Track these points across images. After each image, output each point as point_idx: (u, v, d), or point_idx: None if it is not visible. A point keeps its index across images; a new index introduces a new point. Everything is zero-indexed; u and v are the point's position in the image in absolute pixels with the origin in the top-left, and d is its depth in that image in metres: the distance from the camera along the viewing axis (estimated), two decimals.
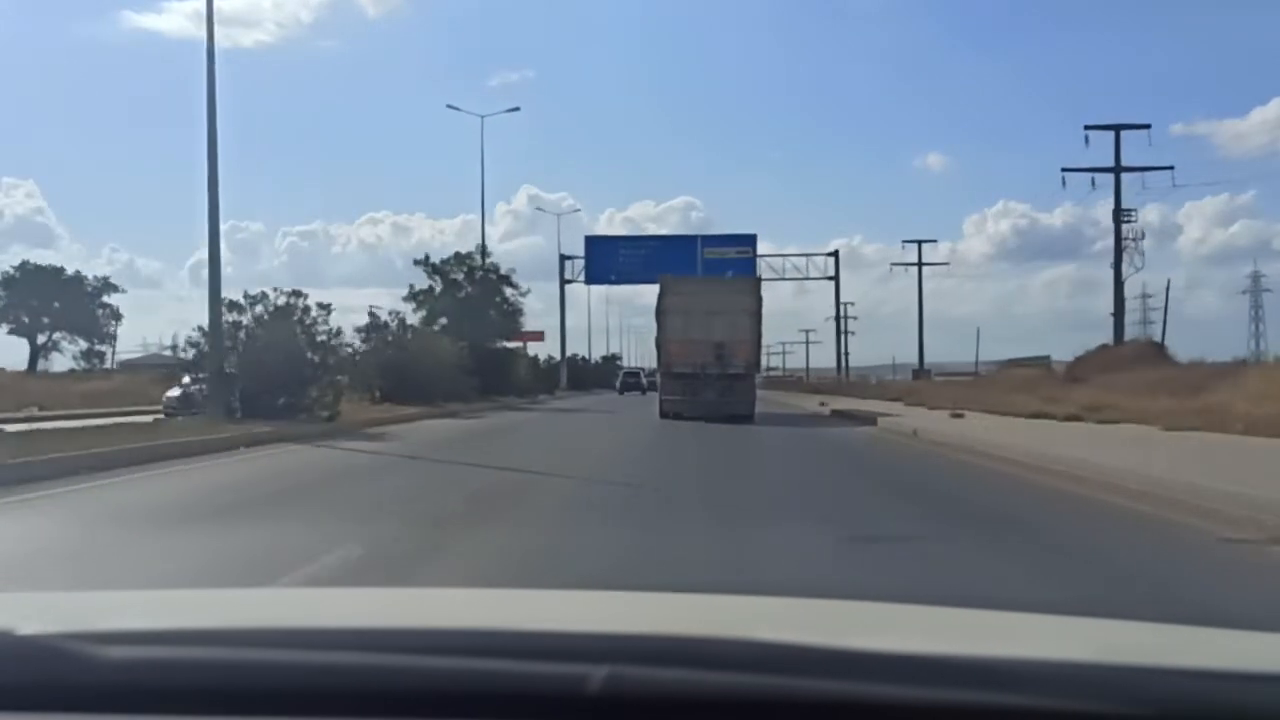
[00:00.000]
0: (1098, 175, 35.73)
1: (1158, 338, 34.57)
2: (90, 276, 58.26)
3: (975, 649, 1.07)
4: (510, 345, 42.55)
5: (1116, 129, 35.75)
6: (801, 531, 6.53)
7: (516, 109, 62.90)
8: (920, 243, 55.68)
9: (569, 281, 54.80)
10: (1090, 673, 0.99)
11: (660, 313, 22.69)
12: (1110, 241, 35.95)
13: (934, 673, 0.97)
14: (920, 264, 55.59)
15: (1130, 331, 36.22)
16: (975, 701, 0.93)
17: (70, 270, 57.63)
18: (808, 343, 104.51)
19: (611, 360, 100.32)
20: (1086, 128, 35.65)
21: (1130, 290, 37.58)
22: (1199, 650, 1.20)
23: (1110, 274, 35.92)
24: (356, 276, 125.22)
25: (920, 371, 53.51)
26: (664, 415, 21.27)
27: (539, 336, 53.75)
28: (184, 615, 1.33)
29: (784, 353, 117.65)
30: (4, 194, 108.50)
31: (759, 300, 22.19)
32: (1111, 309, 35.94)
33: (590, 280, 54.66)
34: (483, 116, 41.03)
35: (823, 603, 1.54)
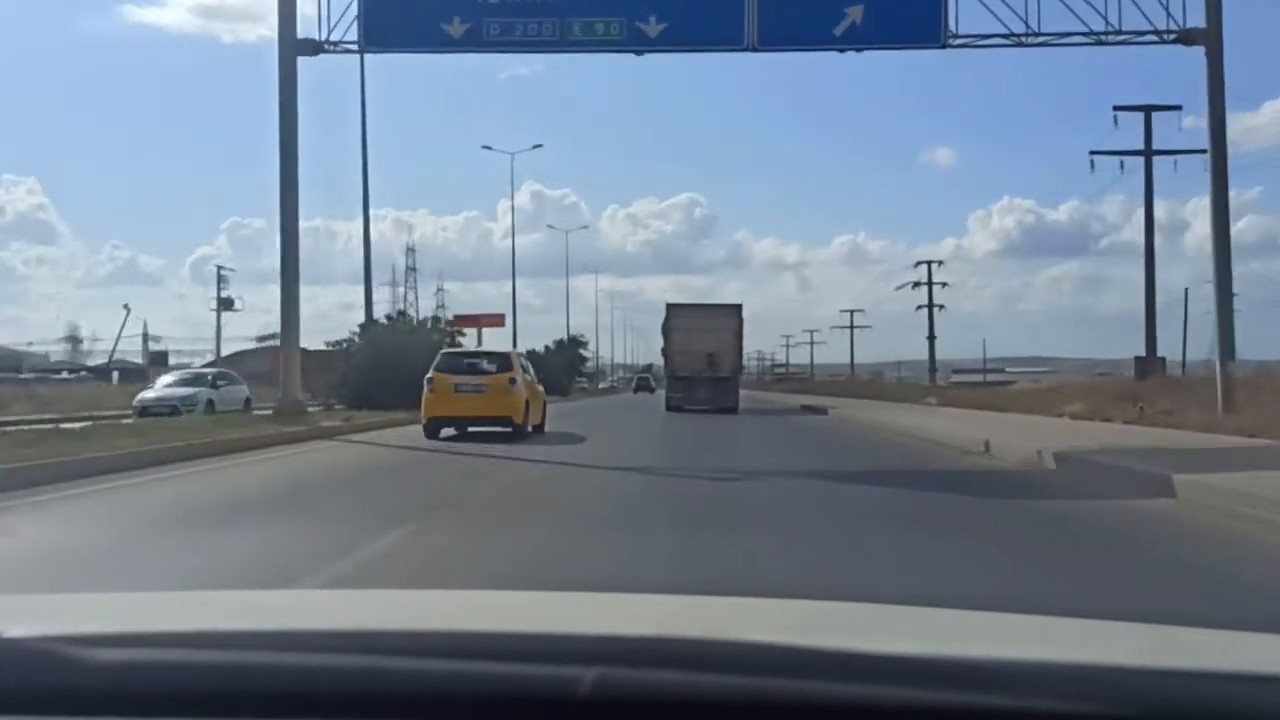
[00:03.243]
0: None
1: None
2: None
3: (967, 650, 1.07)
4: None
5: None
6: None
7: (540, 146, 52.97)
8: (1150, 156, 31.46)
9: (334, 47, 18.25)
10: (1082, 674, 0.98)
11: (666, 331, 29.28)
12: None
13: (926, 674, 0.97)
14: (1149, 151, 31.32)
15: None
16: (968, 703, 0.92)
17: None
18: (852, 326, 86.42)
19: (574, 346, 67.73)
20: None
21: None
22: (1192, 651, 1.20)
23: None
24: (359, 273, 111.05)
25: (1150, 361, 30.83)
26: (669, 409, 27.58)
27: (499, 321, 42.71)
28: (174, 618, 1.31)
29: (812, 343, 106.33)
30: (5, 190, 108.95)
31: (741, 322, 29.20)
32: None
33: (373, 39, 18.07)
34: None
35: (814, 604, 1.54)
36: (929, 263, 61.37)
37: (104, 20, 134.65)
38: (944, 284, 60.66)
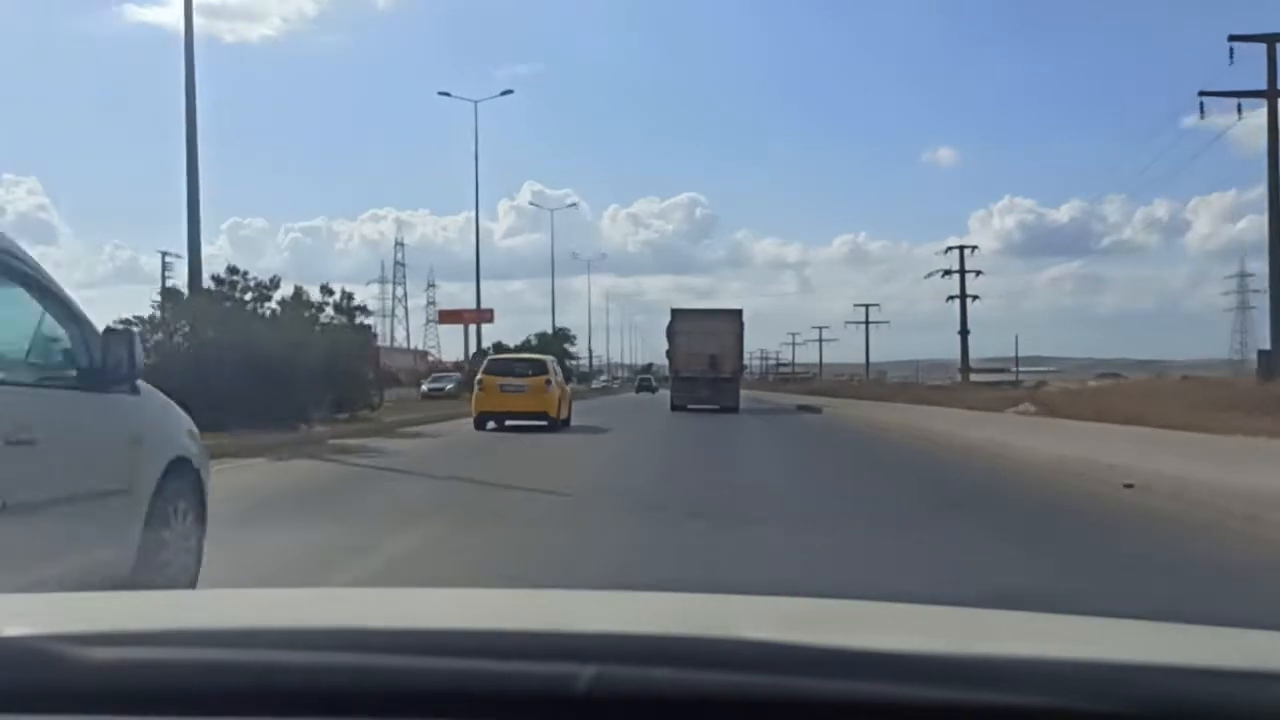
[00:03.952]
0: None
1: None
2: None
3: (967, 647, 1.06)
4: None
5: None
6: None
7: (510, 92, 47.27)
8: (1276, 96, 25.37)
9: None
10: (1081, 670, 0.97)
11: (671, 335, 31.40)
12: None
13: (925, 671, 0.95)
14: (1274, 91, 25.20)
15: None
16: (967, 700, 0.91)
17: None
18: (868, 322, 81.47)
19: (559, 340, 59.59)
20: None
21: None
22: (1192, 648, 1.18)
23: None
24: (359, 273, 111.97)
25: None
26: (674, 408, 29.31)
27: (487, 316, 39.59)
28: (169, 616, 1.30)
29: (821, 340, 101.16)
30: (5, 191, 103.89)
31: (741, 326, 31.26)
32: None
33: None
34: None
35: (812, 601, 1.53)
36: (961, 247, 54.12)
37: (105, 19, 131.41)
38: (978, 273, 53.99)
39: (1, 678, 0.96)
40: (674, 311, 32.63)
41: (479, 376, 20.16)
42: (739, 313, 32.23)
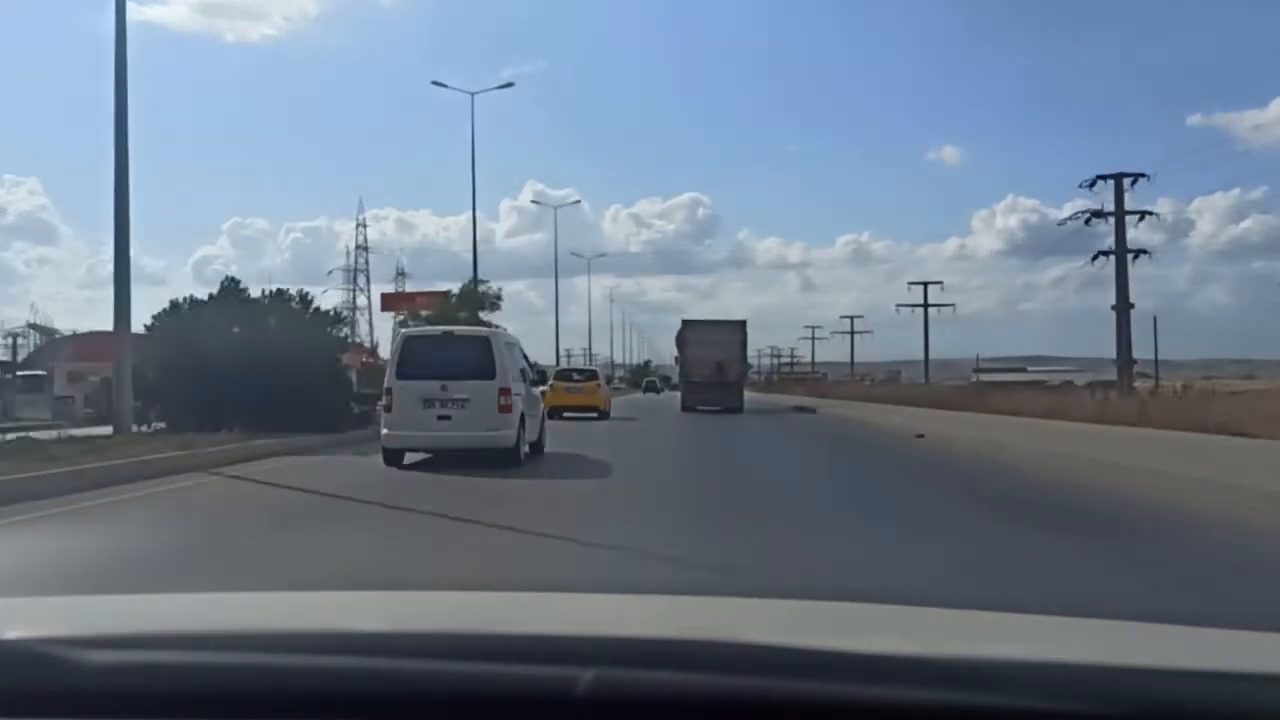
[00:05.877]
0: None
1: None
2: None
3: (960, 650, 1.08)
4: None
5: None
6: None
7: (510, 85, 42.13)
8: None
9: None
10: (1074, 673, 0.98)
11: (681, 343, 34.83)
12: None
13: (921, 673, 0.96)
14: None
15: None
16: (962, 702, 0.92)
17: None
18: (926, 305, 59.79)
19: (470, 301, 33.08)
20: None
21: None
22: (1189, 650, 1.18)
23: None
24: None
25: None
26: (684, 409, 32.18)
27: (443, 299, 34.79)
28: (168, 619, 1.31)
29: (853, 331, 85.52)
30: (6, 191, 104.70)
31: (745, 335, 34.53)
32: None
33: None
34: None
35: (809, 604, 1.53)
36: (1118, 176, 35.23)
37: (106, 18, 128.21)
38: (1145, 214, 35.90)
39: (3, 680, 0.97)
40: (684, 322, 35.95)
41: (551, 381, 25.54)
42: (743, 323, 35.31)
